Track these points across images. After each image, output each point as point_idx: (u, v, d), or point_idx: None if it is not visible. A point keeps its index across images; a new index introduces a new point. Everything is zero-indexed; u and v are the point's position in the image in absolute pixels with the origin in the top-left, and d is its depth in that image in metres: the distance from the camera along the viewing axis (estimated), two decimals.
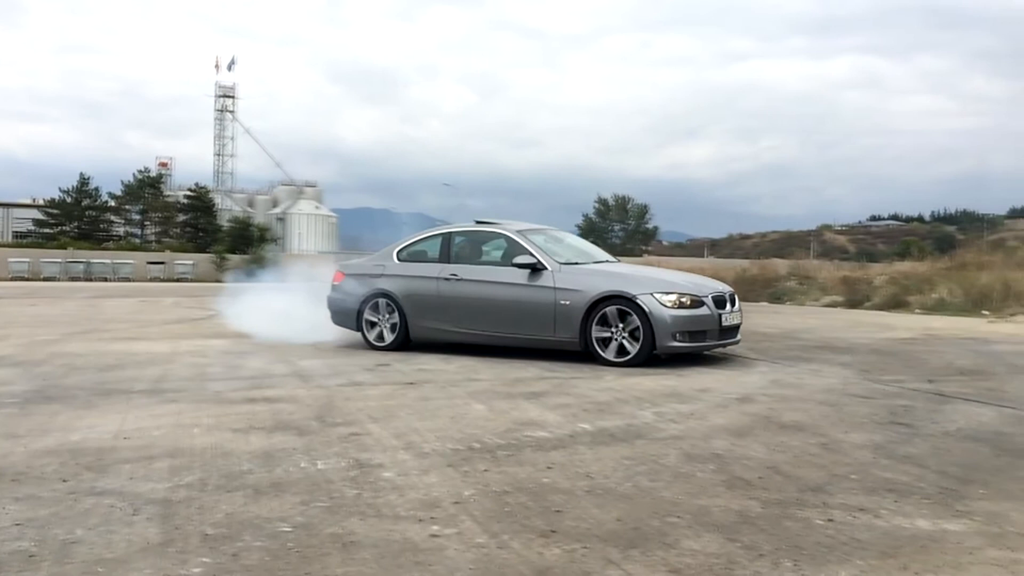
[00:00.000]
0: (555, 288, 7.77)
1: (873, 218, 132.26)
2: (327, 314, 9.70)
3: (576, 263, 8.25)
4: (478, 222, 8.96)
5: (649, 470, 3.79)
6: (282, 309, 10.35)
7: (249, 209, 71.74)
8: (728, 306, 7.79)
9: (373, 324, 8.76)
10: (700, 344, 7.56)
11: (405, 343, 8.61)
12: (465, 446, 4.25)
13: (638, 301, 7.35)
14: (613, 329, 7.46)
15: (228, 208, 67.53)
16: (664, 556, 2.71)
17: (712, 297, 7.65)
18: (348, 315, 8.98)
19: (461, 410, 5.28)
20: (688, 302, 7.44)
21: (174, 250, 48.55)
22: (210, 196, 64.05)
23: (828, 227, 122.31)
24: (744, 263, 33.26)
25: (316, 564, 2.62)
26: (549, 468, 3.81)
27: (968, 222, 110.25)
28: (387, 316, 8.69)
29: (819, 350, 8.84)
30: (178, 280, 38.65)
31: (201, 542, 2.82)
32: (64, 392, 5.93)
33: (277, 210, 73.30)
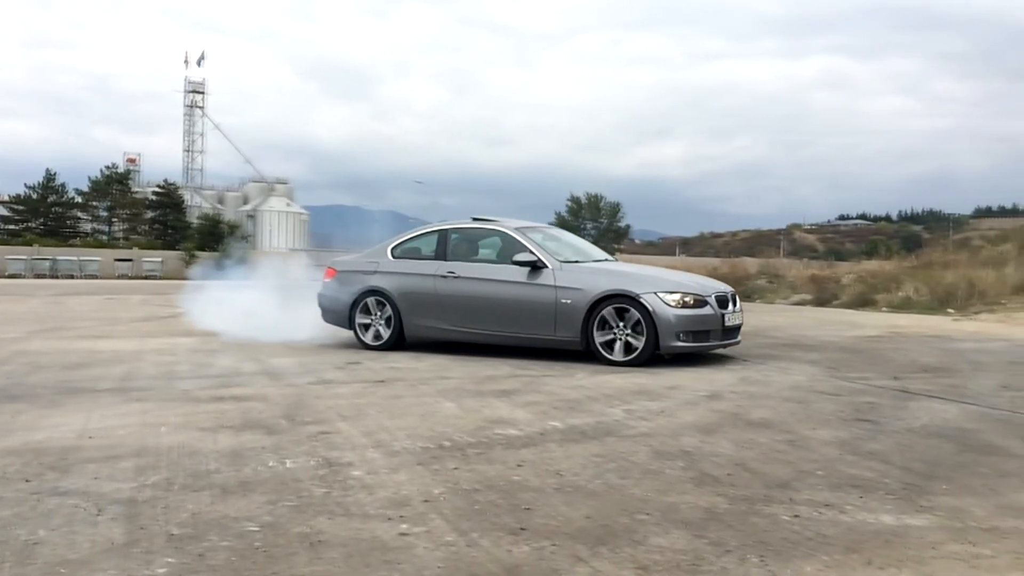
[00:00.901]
0: (556, 287, 7.65)
1: (842, 217, 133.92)
2: (298, 312, 9.65)
3: (576, 261, 8.15)
4: (475, 219, 8.80)
5: (619, 467, 3.81)
6: (252, 307, 10.27)
7: (219, 206, 71.10)
8: (730, 306, 7.72)
9: (366, 322, 8.60)
10: (703, 344, 7.45)
11: (400, 342, 8.44)
12: (435, 444, 4.24)
13: (641, 300, 7.24)
14: (615, 328, 7.36)
15: (197, 205, 66.88)
16: (632, 553, 2.72)
17: (715, 296, 7.57)
18: (340, 313, 8.80)
19: (431, 408, 5.27)
20: (691, 301, 7.34)
21: (142, 247, 48.02)
22: (179, 193, 63.44)
23: (798, 226, 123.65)
24: (715, 262, 33.55)
25: (283, 564, 2.61)
26: (519, 466, 3.82)
27: (934, 221, 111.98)
28: (381, 314, 8.52)
29: (787, 348, 8.93)
30: (146, 278, 38.21)
31: (166, 542, 2.79)
32: (28, 391, 5.84)
33: (247, 207, 72.70)
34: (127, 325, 11.87)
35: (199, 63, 76.29)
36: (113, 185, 60.72)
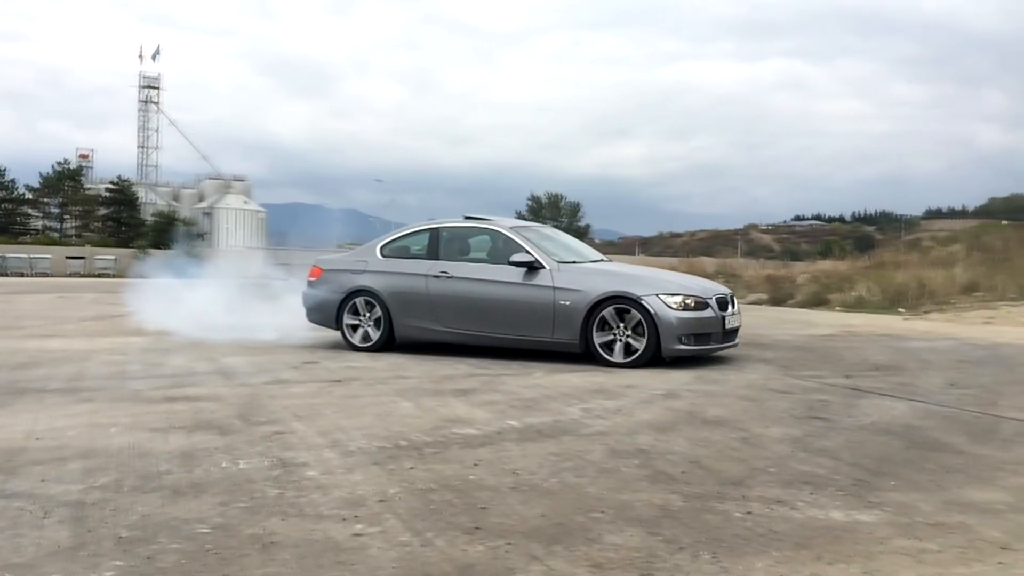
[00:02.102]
0: (554, 287, 7.49)
1: (797, 218, 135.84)
2: (254, 311, 9.54)
3: (573, 262, 7.99)
4: (467, 217, 8.65)
5: (575, 466, 3.82)
6: (206, 306, 10.13)
7: (174, 203, 70.03)
8: (729, 307, 7.62)
9: (354, 323, 8.36)
10: (704, 347, 7.33)
11: (389, 343, 8.21)
12: (392, 444, 4.22)
13: (643, 302, 7.10)
14: (615, 330, 7.22)
15: (152, 202, 65.84)
16: (587, 551, 2.73)
17: (716, 298, 7.47)
18: (326, 313, 8.57)
19: (388, 408, 5.24)
20: (693, 304, 7.21)
21: (95, 245, 47.11)
22: (133, 189, 62.41)
23: (755, 226, 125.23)
24: (673, 261, 33.89)
25: (234, 566, 2.57)
26: (476, 465, 3.81)
27: (887, 222, 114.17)
28: (370, 315, 8.29)
29: (743, 346, 9.02)
30: (99, 276, 37.48)
31: (115, 545, 2.74)
32: None
33: (203, 204, 71.67)
34: (78, 324, 11.64)
35: (154, 58, 75.00)
36: (65, 181, 59.54)
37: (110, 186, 60.63)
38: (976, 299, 15.39)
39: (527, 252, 7.75)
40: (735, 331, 7.76)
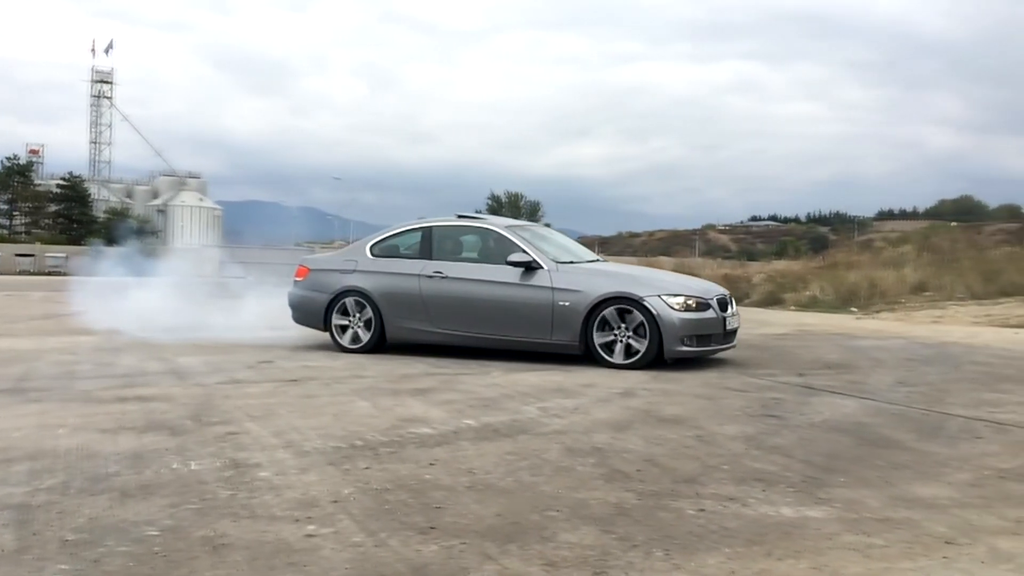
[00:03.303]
0: (553, 288, 7.34)
1: (754, 218, 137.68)
2: (208, 310, 9.41)
3: (571, 262, 7.85)
4: (460, 216, 8.52)
5: (531, 465, 3.83)
6: (160, 304, 9.97)
7: (127, 200, 68.86)
8: (729, 308, 7.53)
9: (344, 324, 8.15)
10: (706, 348, 7.25)
11: (380, 344, 8.01)
12: (347, 444, 4.19)
13: (645, 303, 6.98)
14: (616, 331, 7.10)
15: (105, 199, 64.65)
16: (541, 549, 2.74)
17: (716, 299, 7.38)
18: (314, 314, 8.34)
19: (345, 407, 5.21)
20: (694, 305, 7.10)
21: (45, 242, 46.08)
22: (85, 186, 61.18)
23: (712, 227, 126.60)
24: (632, 260, 34.11)
25: (183, 568, 2.53)
26: (431, 464, 3.80)
27: (840, 223, 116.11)
28: (360, 316, 8.07)
29: None
30: (49, 273, 36.65)
31: (60, 548, 2.68)
32: None
33: (158, 201, 70.53)
34: (26, 323, 11.37)
35: (107, 52, 73.72)
36: (14, 177, 58.10)
37: (61, 182, 59.35)
38: (925, 299, 15.74)
39: (524, 252, 7.61)
40: (734, 332, 7.66)
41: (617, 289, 7.21)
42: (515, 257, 7.57)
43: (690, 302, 7.11)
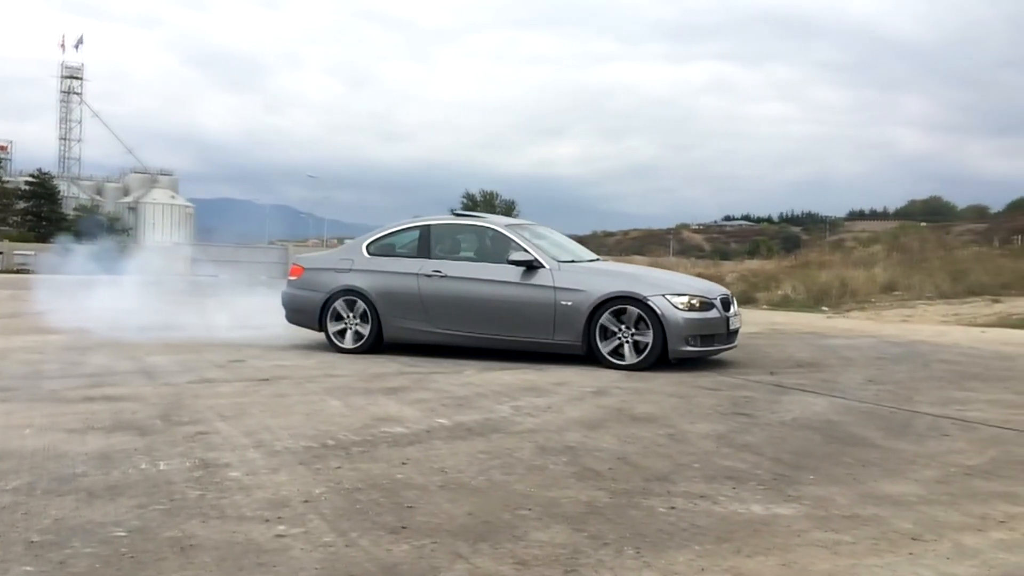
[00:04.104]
0: (555, 287, 7.25)
1: (727, 218, 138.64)
2: (179, 308, 9.32)
3: (572, 261, 7.79)
4: (456, 214, 8.39)
5: (503, 463, 3.83)
6: (130, 303, 9.86)
7: (97, 197, 68.01)
8: (731, 308, 7.47)
9: (340, 324, 8.01)
10: (710, 348, 7.19)
11: (377, 344, 7.88)
12: (319, 443, 4.16)
13: (649, 303, 6.90)
14: (619, 332, 7.02)
15: (74, 196, 63.81)
16: (512, 548, 2.74)
17: (720, 299, 7.33)
18: (309, 314, 8.21)
19: (317, 407, 5.17)
20: (698, 304, 7.03)
21: (13, 239, 45.42)
22: (54, 183, 60.32)
23: (686, 226, 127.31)
24: (608, 259, 34.22)
25: (151, 569, 2.50)
26: (404, 464, 3.79)
27: (812, 223, 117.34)
28: (356, 315, 7.93)
29: None
30: (17, 271, 36.13)
31: (25, 550, 2.64)
32: None
33: (128, 199, 69.69)
34: None
35: (76, 47, 72.73)
36: None
37: (29, 179, 58.44)
38: (895, 298, 15.94)
39: (526, 251, 7.52)
40: (736, 332, 7.61)
41: (620, 288, 7.13)
42: (516, 256, 7.49)
43: (694, 301, 7.05)
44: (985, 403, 5.61)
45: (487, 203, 74.10)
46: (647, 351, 6.93)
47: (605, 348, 7.07)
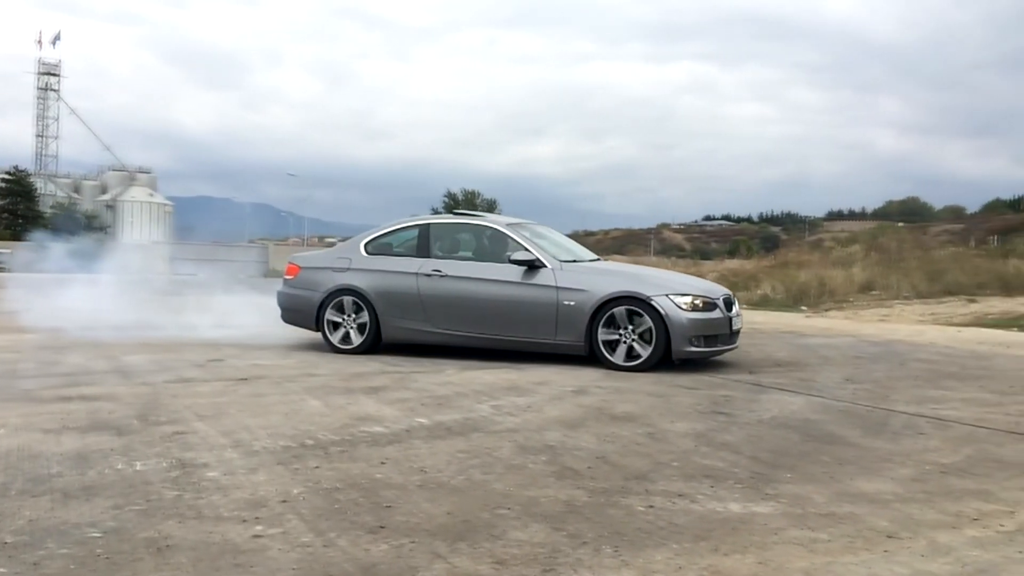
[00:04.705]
0: (557, 287, 7.19)
1: (707, 218, 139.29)
2: (157, 307, 9.25)
3: (574, 261, 7.74)
4: (456, 213, 8.35)
5: (483, 463, 3.83)
6: (108, 301, 9.78)
7: (75, 195, 67.37)
8: (734, 308, 7.43)
9: (337, 324, 7.93)
10: (713, 348, 7.13)
11: (375, 345, 7.81)
12: (297, 443, 4.14)
13: (653, 303, 6.84)
14: (621, 331, 6.97)
15: (51, 193, 63.16)
16: (491, 548, 2.74)
17: (722, 299, 7.29)
18: (305, 313, 8.12)
19: (296, 406, 5.15)
20: (702, 304, 6.99)
21: None
22: (30, 180, 59.70)
23: (666, 226, 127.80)
24: None
25: (126, 570, 2.48)
26: (383, 463, 3.78)
27: (791, 223, 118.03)
28: (354, 315, 7.86)
29: None
30: None
31: None
32: None
33: (106, 197, 69.07)
34: None
35: (54, 43, 72.00)
36: None
37: (5, 176, 57.82)
38: (872, 297, 16.08)
39: (527, 250, 7.47)
40: (738, 332, 7.58)
41: (624, 288, 7.07)
42: (518, 256, 7.43)
43: (697, 302, 7.01)
44: (960, 402, 5.67)
45: (468, 202, 74.01)
46: (650, 351, 6.88)
47: (607, 349, 7.02)
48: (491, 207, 74.09)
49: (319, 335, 8.10)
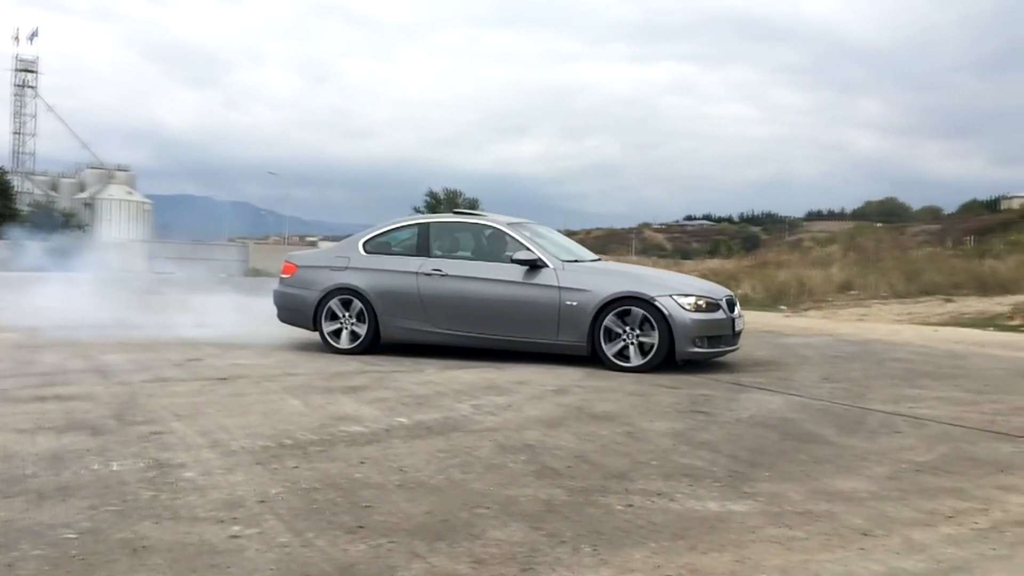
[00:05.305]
0: (560, 287, 7.14)
1: (688, 218, 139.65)
2: (135, 305, 9.18)
3: (575, 260, 7.69)
4: (456, 212, 8.27)
5: (462, 462, 3.82)
6: (85, 300, 9.69)
7: (52, 193, 66.63)
8: (736, 309, 7.40)
9: (335, 324, 7.82)
10: (716, 349, 7.10)
11: (374, 344, 7.72)
12: (276, 443, 4.12)
13: (656, 303, 6.80)
14: (624, 333, 6.93)
15: (28, 191, 62.43)
16: (470, 547, 2.74)
17: (725, 300, 7.26)
18: (302, 313, 8.00)
19: (275, 406, 5.12)
20: (705, 305, 6.95)
21: None
22: (7, 178, 58.97)
23: (648, 225, 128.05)
24: None
25: (101, 572, 2.46)
26: (362, 463, 3.77)
27: (771, 223, 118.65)
28: (353, 315, 7.76)
29: None
30: None
31: None
32: None
33: (84, 195, 68.38)
34: None
35: (31, 40, 71.19)
36: None
37: None
38: (851, 297, 16.21)
39: (529, 250, 7.41)
40: (740, 333, 7.56)
41: (627, 288, 7.04)
42: (520, 255, 7.37)
43: (701, 302, 6.97)
44: (936, 400, 5.73)
45: (449, 201, 73.90)
46: (653, 352, 6.85)
47: (610, 350, 6.98)
48: (472, 206, 74.10)
49: (304, 334, 8.07)
